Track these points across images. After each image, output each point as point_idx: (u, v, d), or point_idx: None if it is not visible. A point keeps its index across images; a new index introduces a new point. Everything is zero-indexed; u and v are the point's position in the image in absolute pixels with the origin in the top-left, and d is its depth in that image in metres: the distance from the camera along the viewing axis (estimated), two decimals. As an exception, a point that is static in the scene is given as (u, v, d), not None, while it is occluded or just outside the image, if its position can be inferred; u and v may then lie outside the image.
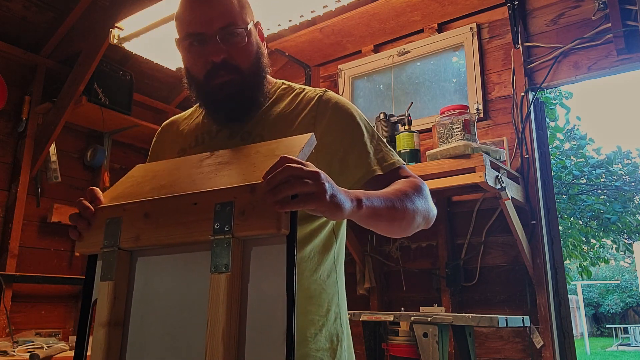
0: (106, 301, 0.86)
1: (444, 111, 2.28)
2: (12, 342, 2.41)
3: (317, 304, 1.01)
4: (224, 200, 0.78)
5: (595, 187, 9.97)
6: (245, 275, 0.78)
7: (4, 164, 2.88)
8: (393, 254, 2.76)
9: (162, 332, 0.84)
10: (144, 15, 2.33)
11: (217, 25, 1.01)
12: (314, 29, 2.89)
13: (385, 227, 0.96)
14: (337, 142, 1.04)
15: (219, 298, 0.75)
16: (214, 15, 1.01)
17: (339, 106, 1.07)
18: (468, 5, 2.67)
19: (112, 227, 0.88)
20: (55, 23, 2.98)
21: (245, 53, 1.04)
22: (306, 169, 0.75)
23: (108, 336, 0.84)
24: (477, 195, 2.51)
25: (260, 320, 0.76)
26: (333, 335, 1.02)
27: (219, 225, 0.77)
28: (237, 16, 1.03)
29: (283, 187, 0.72)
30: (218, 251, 0.77)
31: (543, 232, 2.33)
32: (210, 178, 0.88)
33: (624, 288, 18.21)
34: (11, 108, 2.91)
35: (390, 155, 1.07)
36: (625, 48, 2.19)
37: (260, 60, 1.08)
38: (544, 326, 2.24)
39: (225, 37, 1.01)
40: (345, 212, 0.79)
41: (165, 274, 0.86)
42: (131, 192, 0.94)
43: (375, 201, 0.88)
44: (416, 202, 0.97)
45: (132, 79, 3.19)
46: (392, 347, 2.14)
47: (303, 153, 0.84)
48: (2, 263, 2.73)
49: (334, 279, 1.05)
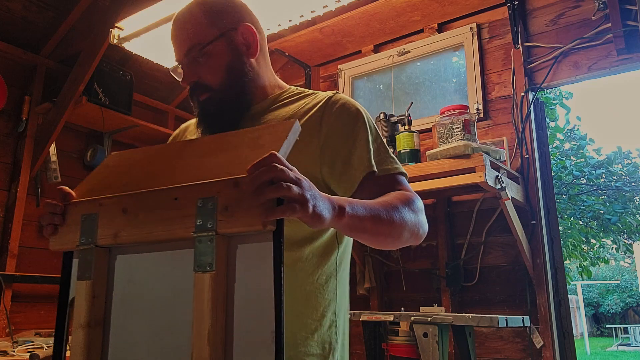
0: (84, 301, 0.82)
1: (444, 111, 2.28)
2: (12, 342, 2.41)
3: (311, 307, 1.00)
4: (206, 195, 0.75)
5: (595, 187, 9.97)
6: (231, 273, 0.75)
7: (4, 164, 2.88)
8: (393, 254, 2.76)
9: (146, 332, 0.80)
10: (144, 15, 2.33)
11: (182, 52, 1.07)
12: (314, 29, 2.89)
13: (370, 238, 0.92)
14: (342, 142, 1.02)
15: (203, 298, 0.73)
16: (180, 43, 1.07)
17: (346, 107, 1.05)
18: (468, 5, 2.67)
19: (89, 223, 0.84)
20: (55, 23, 2.98)
21: (213, 69, 1.06)
22: (291, 173, 0.73)
23: (88, 337, 0.81)
24: (477, 195, 2.51)
25: (247, 321, 0.73)
26: (325, 342, 1.00)
27: (202, 222, 0.74)
28: (201, 34, 1.05)
29: (268, 189, 0.70)
30: (201, 249, 0.74)
31: (543, 232, 2.33)
32: (191, 170, 0.84)
33: (624, 288, 18.21)
34: (11, 108, 2.91)
35: (390, 161, 1.05)
36: (625, 48, 2.19)
37: (235, 67, 1.07)
38: (544, 326, 2.24)
39: (191, 60, 1.06)
40: (325, 222, 0.77)
41: (148, 271, 0.82)
42: (107, 184, 0.90)
43: (359, 210, 0.85)
44: (405, 216, 0.93)
45: (132, 79, 3.19)
46: (392, 347, 2.14)
47: (288, 141, 0.80)
48: (2, 263, 2.73)
49: (333, 285, 1.04)
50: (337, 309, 1.04)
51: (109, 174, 0.94)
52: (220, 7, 1.08)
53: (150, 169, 0.91)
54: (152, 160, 0.94)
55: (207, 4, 1.08)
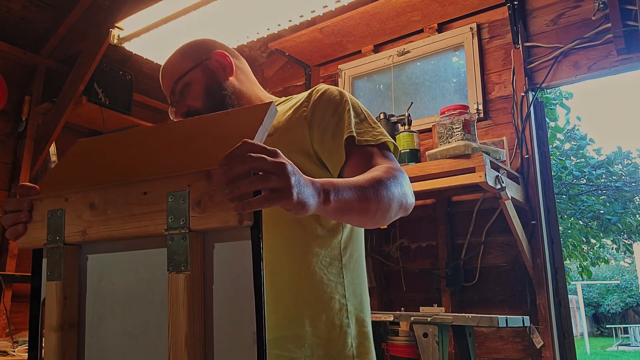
0: (55, 303, 0.77)
1: (444, 111, 2.28)
2: (12, 342, 2.41)
3: (315, 287, 1.00)
4: (177, 189, 0.70)
5: (595, 187, 9.97)
6: (208, 273, 0.71)
7: (4, 164, 2.88)
8: (393, 254, 2.76)
9: (122, 333, 0.76)
10: (144, 15, 2.33)
11: (169, 91, 1.22)
12: (314, 29, 2.89)
13: (358, 218, 0.91)
14: (328, 119, 1.05)
15: (178, 300, 0.68)
16: (167, 85, 1.23)
17: (330, 91, 1.10)
18: (468, 5, 2.67)
19: (55, 220, 0.79)
20: (55, 23, 2.98)
21: (195, 94, 1.18)
22: (270, 159, 0.68)
23: (61, 340, 0.77)
24: (477, 195, 2.51)
25: (228, 322, 0.69)
26: (336, 325, 0.99)
27: (173, 218, 0.69)
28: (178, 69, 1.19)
29: (242, 182, 0.66)
30: (174, 247, 0.69)
31: (543, 232, 2.33)
32: (160, 159, 0.80)
33: (624, 288, 18.20)
34: (11, 108, 2.91)
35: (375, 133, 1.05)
36: (625, 48, 2.19)
37: (212, 92, 1.17)
38: (544, 326, 2.24)
39: (177, 95, 1.20)
40: (310, 210, 0.74)
41: (121, 270, 0.78)
42: (74, 175, 0.86)
43: (345, 193, 0.82)
44: (391, 189, 0.92)
45: (132, 79, 3.19)
46: (392, 347, 2.14)
47: (264, 126, 0.75)
48: (2, 263, 2.73)
49: (337, 268, 1.04)
50: (346, 293, 1.03)
51: (76, 163, 0.89)
52: (193, 45, 1.24)
53: (118, 156, 0.86)
54: (120, 147, 0.89)
55: (182, 47, 1.24)
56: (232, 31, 2.48)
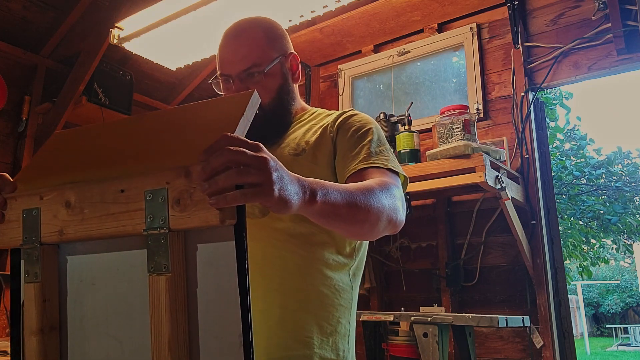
0: (34, 306, 0.74)
1: (444, 111, 2.28)
2: (12, 342, 2.41)
3: (327, 310, 1.00)
4: (155, 187, 0.66)
5: (595, 187, 9.97)
6: (192, 274, 0.68)
7: (4, 164, 2.88)
8: (393, 254, 2.76)
9: (105, 335, 0.74)
10: (144, 15, 2.33)
11: (239, 68, 1.09)
12: (314, 29, 2.89)
13: (344, 226, 0.87)
14: (352, 141, 1.06)
15: (160, 303, 0.65)
16: (237, 59, 1.09)
17: (358, 115, 1.12)
18: (468, 5, 2.67)
19: (30, 219, 0.75)
20: (55, 23, 2.98)
21: (268, 89, 1.10)
22: (250, 153, 0.64)
23: (42, 344, 0.74)
24: (477, 195, 2.51)
25: (213, 325, 0.67)
26: (340, 349, 1.01)
27: (152, 218, 0.66)
28: (260, 56, 1.10)
29: (220, 177, 0.62)
30: (154, 248, 0.66)
31: (543, 232, 2.33)
32: (139, 152, 0.76)
33: (624, 288, 18.20)
34: (11, 108, 2.92)
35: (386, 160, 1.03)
36: (625, 48, 2.19)
37: (282, 92, 1.13)
38: (544, 326, 2.24)
39: (247, 78, 1.09)
40: (293, 208, 0.70)
41: (102, 270, 0.75)
42: (50, 170, 0.82)
43: (333, 195, 0.78)
44: (382, 200, 0.89)
45: (132, 79, 3.19)
46: (392, 347, 2.14)
47: (245, 117, 0.71)
48: (2, 263, 2.73)
49: (348, 295, 1.04)
50: (351, 319, 1.05)
51: (51, 158, 0.86)
52: (279, 33, 1.16)
53: (95, 151, 0.82)
54: (96, 141, 0.85)
55: (267, 27, 1.14)
56: (232, 31, 2.48)
